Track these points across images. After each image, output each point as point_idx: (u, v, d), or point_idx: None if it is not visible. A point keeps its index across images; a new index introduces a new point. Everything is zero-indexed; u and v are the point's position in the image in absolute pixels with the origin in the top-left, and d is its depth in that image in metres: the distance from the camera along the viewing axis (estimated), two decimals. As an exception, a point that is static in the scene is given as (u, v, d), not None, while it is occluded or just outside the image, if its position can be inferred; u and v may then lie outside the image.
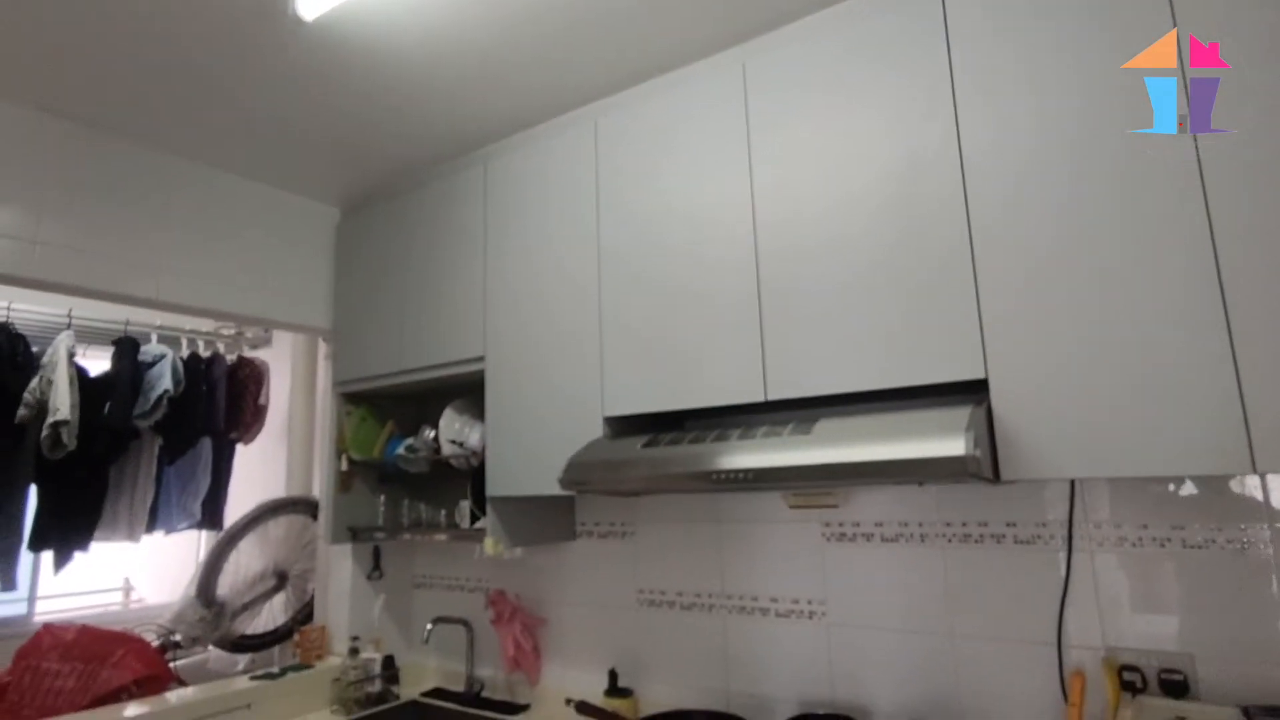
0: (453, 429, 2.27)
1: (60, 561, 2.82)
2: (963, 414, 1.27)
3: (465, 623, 2.43)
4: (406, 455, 2.40)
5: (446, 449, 2.27)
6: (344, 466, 2.50)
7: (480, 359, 2.13)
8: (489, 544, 2.03)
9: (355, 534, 2.51)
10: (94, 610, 3.29)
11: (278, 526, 2.73)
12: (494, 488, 2.04)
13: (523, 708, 2.24)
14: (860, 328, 1.48)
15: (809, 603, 1.84)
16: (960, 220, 1.39)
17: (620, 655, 2.13)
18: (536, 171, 2.07)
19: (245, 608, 2.61)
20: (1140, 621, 1.45)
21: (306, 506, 2.78)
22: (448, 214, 2.28)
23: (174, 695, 2.19)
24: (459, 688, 2.41)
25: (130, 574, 3.81)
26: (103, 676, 2.15)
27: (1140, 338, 1.21)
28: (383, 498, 2.58)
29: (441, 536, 2.31)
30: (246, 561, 2.64)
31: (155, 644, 2.40)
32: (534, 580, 2.36)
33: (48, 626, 2.25)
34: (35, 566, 3.19)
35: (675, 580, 2.06)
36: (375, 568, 2.61)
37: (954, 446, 1.19)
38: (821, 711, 1.72)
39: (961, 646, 1.62)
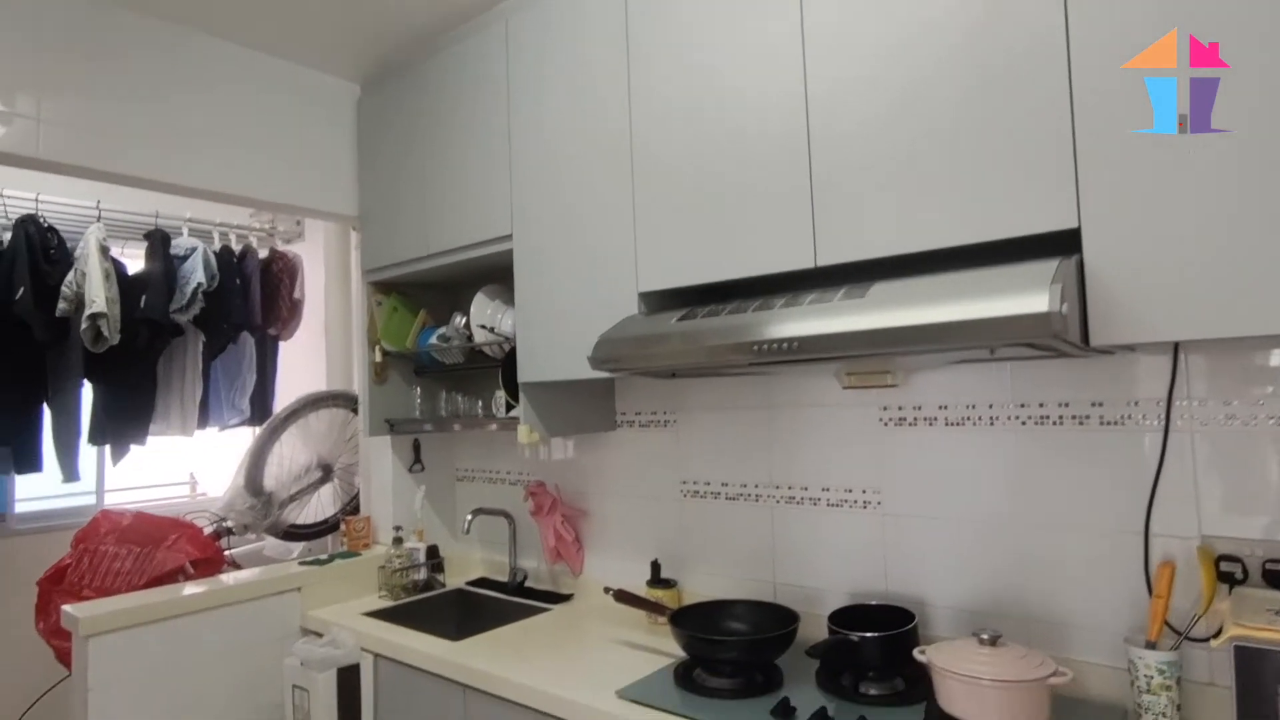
0: (484, 314, 2.16)
1: (117, 454, 2.89)
2: (1047, 267, 1.07)
3: (506, 514, 2.39)
4: (439, 345, 2.31)
5: (479, 336, 2.16)
6: (377, 358, 2.43)
7: (508, 237, 1.99)
8: (523, 432, 1.94)
9: (393, 426, 2.47)
10: (161, 502, 3.40)
11: (319, 420, 2.72)
12: (525, 373, 1.93)
13: (566, 597, 2.21)
14: (929, 175, 1.27)
15: (863, 492, 1.70)
16: (1057, 46, 1.15)
17: (663, 547, 2.06)
18: (561, 20, 1.85)
19: (293, 499, 2.64)
20: (1243, 509, 1.27)
21: (346, 400, 2.76)
22: (469, 79, 2.09)
23: (228, 577, 2.24)
24: (503, 578, 2.41)
25: (195, 469, 3.94)
26: (157, 559, 2.20)
27: (1269, 177, 0.98)
28: (418, 389, 2.52)
29: (478, 427, 2.25)
30: (290, 454, 2.65)
31: (208, 531, 2.44)
32: (574, 472, 2.29)
33: (105, 512, 2.30)
34: (101, 460, 3.29)
35: (720, 470, 1.95)
36: (416, 460, 2.59)
37: (1036, 302, 1.00)
38: (875, 603, 1.61)
39: (1032, 537, 1.47)
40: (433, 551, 2.43)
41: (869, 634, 1.43)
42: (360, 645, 1.99)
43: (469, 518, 2.28)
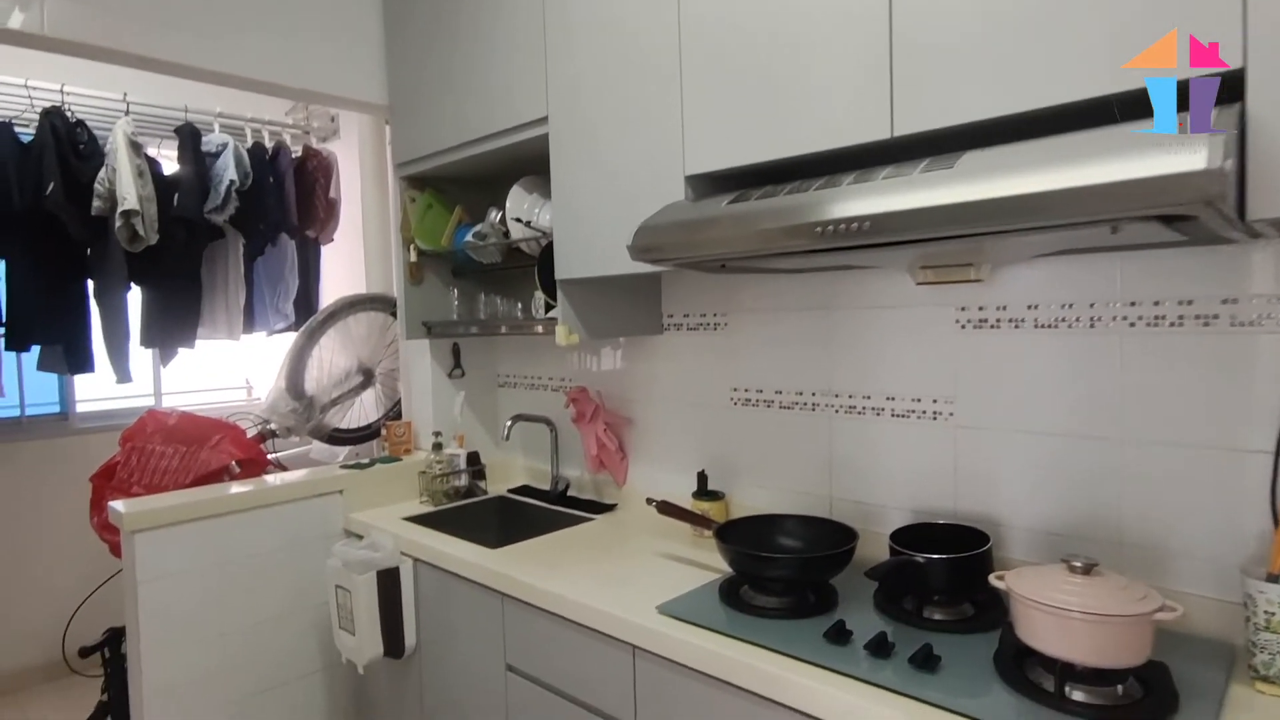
0: (520, 208, 2.01)
1: (166, 357, 2.91)
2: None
3: (548, 421, 2.30)
4: (475, 243, 2.17)
5: (515, 231, 2.01)
6: (412, 257, 2.32)
7: (543, 120, 1.80)
8: (561, 333, 1.81)
9: (430, 329, 2.38)
10: (216, 406, 3.44)
11: (358, 324, 2.64)
12: (563, 270, 1.78)
13: (609, 507, 2.13)
14: (1045, 15, 1.03)
15: (933, 402, 1.53)
16: None
17: (711, 457, 1.93)
18: None
19: (334, 403, 2.60)
20: None
21: (385, 304, 2.67)
22: (498, -59, 1.86)
23: (271, 478, 2.22)
24: (545, 486, 2.34)
25: (250, 374, 3.98)
26: (201, 458, 2.20)
27: None
28: (455, 291, 2.41)
29: (518, 330, 2.13)
30: (330, 358, 2.60)
31: (252, 433, 2.43)
32: (618, 378, 2.17)
33: (151, 411, 2.30)
34: (156, 362, 3.33)
35: (774, 377, 1.79)
36: (456, 365, 2.50)
37: (1190, 158, 0.79)
38: (942, 522, 1.46)
39: (1132, 455, 1.29)
40: (473, 458, 2.37)
41: (937, 556, 1.28)
42: (400, 549, 1.96)
43: (508, 424, 2.19)
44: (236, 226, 2.78)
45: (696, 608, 1.37)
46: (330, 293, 3.12)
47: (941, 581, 1.30)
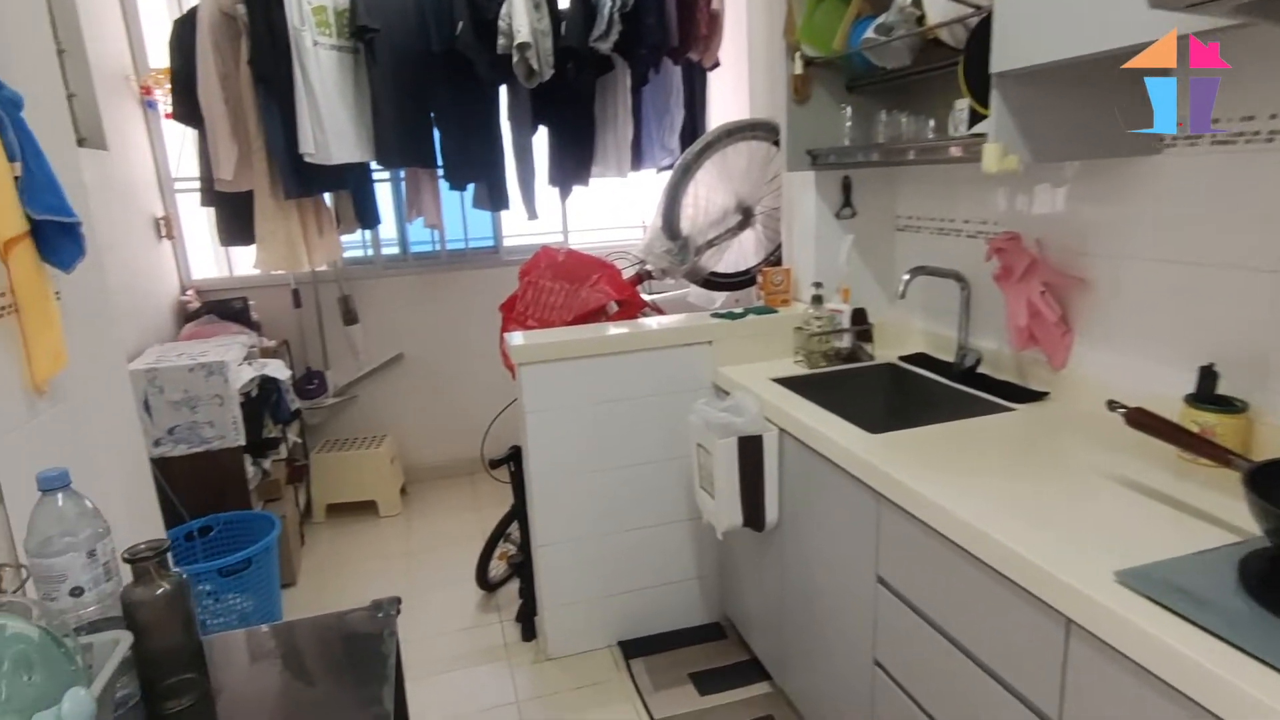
0: (944, -24, 1.43)
1: (564, 194, 3.03)
2: None
3: (958, 277, 1.78)
4: (877, 39, 1.66)
5: (934, 12, 1.46)
6: (797, 68, 1.89)
7: None
8: (991, 155, 1.27)
9: (815, 159, 1.97)
10: (615, 245, 3.57)
11: (737, 155, 2.35)
12: (1004, 56, 1.21)
13: (1036, 396, 1.59)
14: None
15: None
16: None
17: (1225, 347, 1.25)
18: None
19: (711, 244, 2.41)
20: None
21: (767, 131, 2.31)
22: None
23: (644, 322, 2.16)
24: (948, 357, 1.86)
25: (645, 213, 4.06)
26: (582, 296, 2.21)
27: None
28: (848, 110, 1.94)
29: (928, 156, 1.61)
30: (707, 194, 2.37)
31: (629, 274, 2.38)
32: (1069, 221, 1.53)
33: (545, 248, 2.37)
34: (563, 201, 3.52)
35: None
36: (845, 204, 2.08)
37: None
38: None
39: None
40: (859, 315, 1.98)
41: None
42: (765, 415, 1.72)
43: (906, 278, 1.73)
44: (620, 54, 2.64)
45: (1189, 586, 0.86)
46: (716, 124, 2.88)
47: None
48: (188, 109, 2.53)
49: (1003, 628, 1.05)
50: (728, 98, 3.00)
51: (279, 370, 2.65)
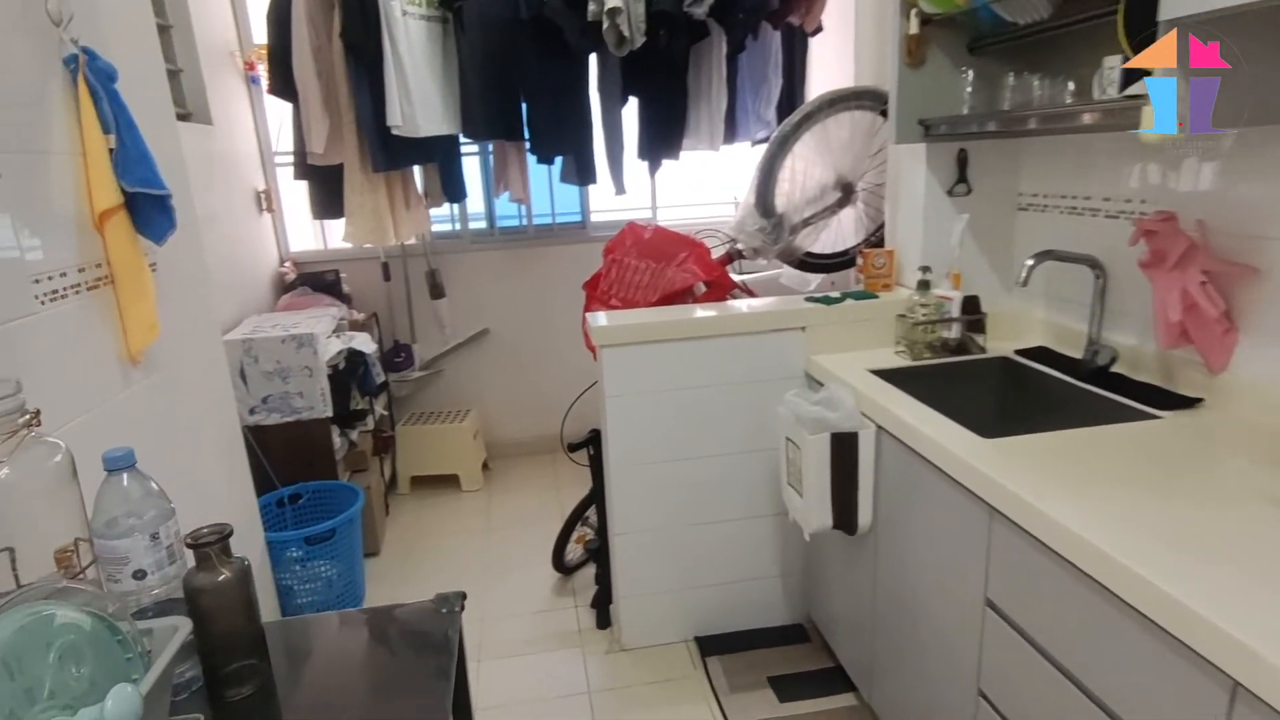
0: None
1: (653, 168, 2.92)
2: None
3: (1093, 263, 1.57)
4: (1009, -10, 1.46)
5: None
6: (913, 28, 1.71)
7: None
8: (1148, 120, 1.08)
9: (928, 130, 1.79)
10: (705, 221, 3.44)
11: (839, 127, 2.17)
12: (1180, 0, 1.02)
13: (1188, 403, 1.38)
14: None
15: None
16: None
17: None
18: None
19: (807, 222, 2.25)
20: None
21: (873, 99, 2.12)
22: None
23: (733, 304, 2.04)
24: (1075, 353, 1.66)
25: (737, 189, 3.90)
26: (668, 275, 2.10)
27: None
28: (969, 74, 1.73)
29: (1064, 124, 1.41)
30: (804, 169, 2.21)
31: (718, 253, 2.25)
32: (1239, 200, 1.31)
33: (631, 224, 2.28)
34: (652, 175, 3.41)
35: None
36: (959, 180, 1.88)
37: None
38: None
39: None
40: (971, 304, 1.80)
41: None
42: (861, 411, 1.58)
43: (1030, 263, 1.53)
44: (717, 20, 2.49)
45: None
46: (817, 94, 2.70)
47: None
48: (283, 82, 2.56)
49: (1144, 679, 0.90)
50: (830, 64, 2.80)
51: (365, 344, 2.68)
